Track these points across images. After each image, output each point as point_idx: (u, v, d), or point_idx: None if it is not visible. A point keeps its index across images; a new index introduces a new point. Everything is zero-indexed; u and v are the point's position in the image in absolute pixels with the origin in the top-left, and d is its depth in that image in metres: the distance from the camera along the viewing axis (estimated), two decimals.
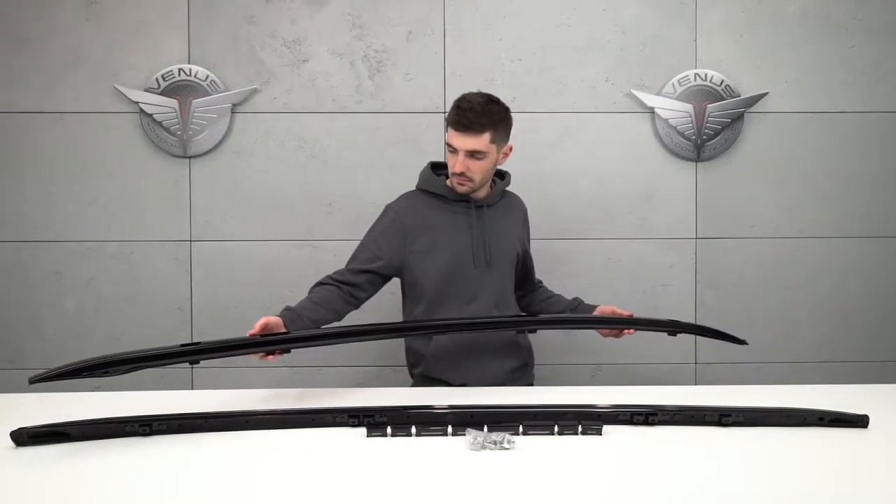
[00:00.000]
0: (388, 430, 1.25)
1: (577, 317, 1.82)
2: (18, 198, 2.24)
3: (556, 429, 1.26)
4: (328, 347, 2.23)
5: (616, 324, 1.70)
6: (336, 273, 1.71)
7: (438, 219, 1.76)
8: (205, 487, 1.04)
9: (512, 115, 1.79)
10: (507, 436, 1.20)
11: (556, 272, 2.20)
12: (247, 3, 2.23)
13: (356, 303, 1.71)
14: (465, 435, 1.21)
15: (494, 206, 1.80)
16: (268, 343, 1.45)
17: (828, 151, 2.28)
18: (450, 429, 1.25)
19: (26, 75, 2.22)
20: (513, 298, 1.82)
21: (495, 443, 1.19)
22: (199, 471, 1.10)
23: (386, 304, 2.02)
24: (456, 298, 1.72)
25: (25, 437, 1.21)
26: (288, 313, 1.55)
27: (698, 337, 2.18)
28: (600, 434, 1.26)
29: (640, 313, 2.05)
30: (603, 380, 2.28)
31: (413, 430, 1.25)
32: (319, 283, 1.70)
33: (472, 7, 2.25)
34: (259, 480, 1.06)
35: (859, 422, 1.30)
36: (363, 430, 1.26)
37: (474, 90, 1.78)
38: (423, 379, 1.77)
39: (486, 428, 1.23)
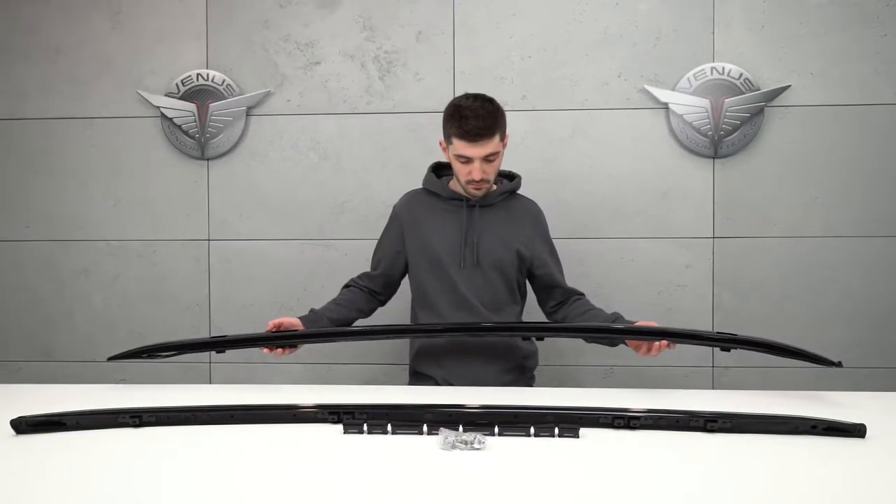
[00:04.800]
0: (364, 427, 1.27)
1: (584, 325, 1.68)
2: (51, 199, 2.36)
3: (532, 430, 1.24)
4: (339, 346, 2.29)
5: (644, 334, 1.51)
6: (359, 276, 1.85)
7: (433, 217, 1.77)
8: (186, 477, 1.08)
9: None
10: (479, 436, 1.19)
11: (568, 273, 2.14)
12: (262, 8, 2.29)
13: (381, 299, 1.86)
14: (437, 434, 1.21)
15: (493, 206, 1.76)
16: (276, 338, 1.63)
17: (853, 146, 2.16)
18: (425, 427, 1.26)
19: (59, 84, 2.34)
20: (505, 302, 1.75)
21: (465, 443, 1.18)
22: (182, 461, 1.15)
23: (395, 300, 2.04)
24: (443, 296, 1.72)
25: (24, 426, 1.28)
26: (310, 314, 1.70)
27: None
28: (577, 437, 1.24)
29: (654, 315, 1.99)
30: (615, 382, 2.23)
31: (388, 427, 1.26)
32: (346, 286, 1.85)
33: (481, 6, 2.24)
34: (237, 471, 1.10)
35: (855, 431, 1.23)
36: (341, 427, 1.28)
37: (478, 90, 1.76)
38: (414, 373, 1.80)
39: (461, 428, 1.23)
